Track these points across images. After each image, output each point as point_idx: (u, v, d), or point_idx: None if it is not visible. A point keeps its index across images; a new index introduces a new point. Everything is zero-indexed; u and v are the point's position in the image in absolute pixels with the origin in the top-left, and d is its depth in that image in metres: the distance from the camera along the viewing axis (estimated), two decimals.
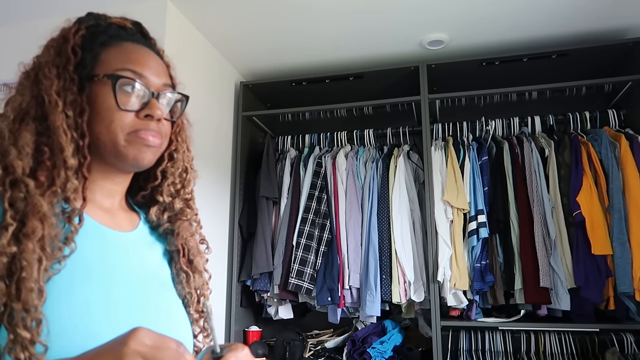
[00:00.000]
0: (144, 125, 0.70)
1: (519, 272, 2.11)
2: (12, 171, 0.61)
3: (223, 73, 2.59)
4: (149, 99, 0.71)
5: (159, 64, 0.76)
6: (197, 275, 0.81)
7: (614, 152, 2.13)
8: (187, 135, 0.84)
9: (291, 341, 2.32)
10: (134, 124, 0.69)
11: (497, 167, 2.29)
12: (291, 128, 2.81)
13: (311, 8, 2.13)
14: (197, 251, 0.83)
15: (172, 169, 0.80)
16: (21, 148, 0.63)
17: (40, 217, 0.60)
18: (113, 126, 0.68)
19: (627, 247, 1.99)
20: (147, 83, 0.72)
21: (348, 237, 2.37)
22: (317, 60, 2.63)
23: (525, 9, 2.15)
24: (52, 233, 0.61)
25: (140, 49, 0.75)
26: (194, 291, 0.80)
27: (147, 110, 0.70)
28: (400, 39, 2.41)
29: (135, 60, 0.72)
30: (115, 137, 0.68)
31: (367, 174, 2.45)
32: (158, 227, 0.82)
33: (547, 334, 2.18)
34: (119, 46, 0.73)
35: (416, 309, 2.32)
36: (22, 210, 0.60)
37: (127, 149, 0.69)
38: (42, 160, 0.64)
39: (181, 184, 0.82)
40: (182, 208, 0.82)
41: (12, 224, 0.58)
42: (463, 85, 2.47)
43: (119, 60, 0.71)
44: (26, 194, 0.61)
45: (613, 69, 2.45)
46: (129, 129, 0.69)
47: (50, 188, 0.63)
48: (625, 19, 2.24)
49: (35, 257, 0.58)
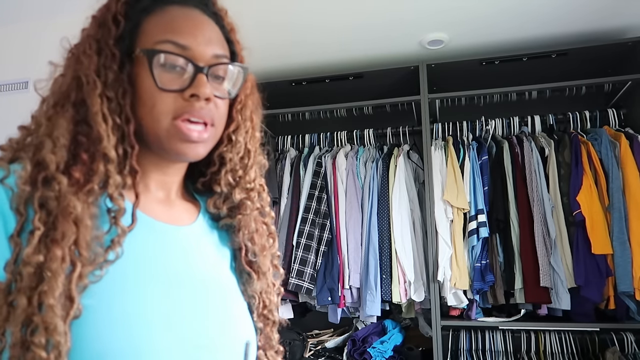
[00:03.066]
0: (189, 107, 0.59)
1: (519, 272, 2.11)
2: (45, 167, 0.53)
3: None
4: (195, 74, 0.60)
5: (213, 30, 0.64)
6: (261, 277, 0.71)
7: (614, 152, 2.13)
8: (252, 113, 0.72)
9: (291, 341, 2.32)
10: (178, 106, 0.59)
11: (497, 166, 2.29)
12: (291, 128, 2.81)
13: (311, 8, 2.13)
14: (260, 249, 0.72)
15: (230, 153, 0.69)
16: (56, 139, 0.54)
17: (74, 219, 0.52)
18: (155, 111, 0.59)
19: (627, 246, 1.99)
20: (193, 56, 0.60)
21: (348, 236, 2.37)
22: (317, 60, 2.62)
23: (525, 8, 2.15)
24: (89, 236, 0.53)
25: (188, 12, 0.63)
26: (257, 295, 0.70)
27: (192, 89, 0.59)
28: (400, 38, 2.41)
29: (178, 28, 0.61)
30: (158, 124, 0.59)
31: (367, 174, 2.45)
32: (218, 219, 0.71)
33: (547, 334, 2.18)
34: (162, 12, 0.62)
35: (416, 308, 2.32)
36: (53, 212, 0.52)
37: (170, 142, 0.60)
38: (78, 153, 0.56)
39: (243, 169, 0.70)
40: (242, 200, 0.70)
41: (39, 228, 0.50)
42: (463, 85, 2.47)
43: (159, 31, 0.60)
44: (58, 193, 0.52)
45: (613, 68, 2.45)
46: (174, 112, 0.59)
47: (86, 185, 0.54)
48: (625, 19, 2.24)
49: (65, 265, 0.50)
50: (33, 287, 0.49)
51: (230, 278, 0.70)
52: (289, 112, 2.68)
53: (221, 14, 0.68)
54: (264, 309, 0.71)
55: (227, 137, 0.68)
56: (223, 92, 0.64)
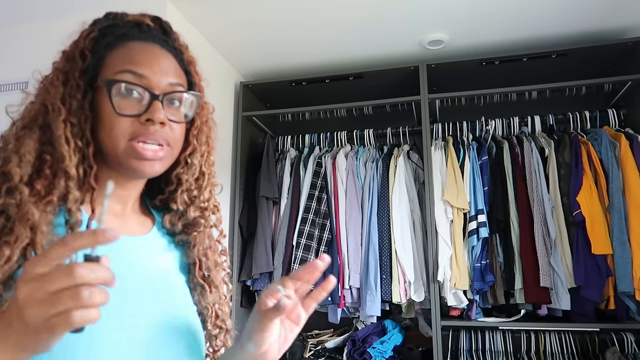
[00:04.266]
0: (144, 130, 0.65)
1: (519, 272, 2.11)
2: (10, 178, 0.59)
3: (223, 73, 2.59)
4: (151, 101, 0.66)
5: (169, 62, 0.70)
6: (213, 290, 0.77)
7: (614, 152, 2.13)
8: (208, 138, 0.79)
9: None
10: (135, 129, 0.65)
11: (497, 166, 2.29)
12: (291, 128, 2.81)
13: (311, 8, 2.13)
14: (214, 264, 0.79)
15: (186, 174, 0.75)
16: (22, 156, 0.61)
17: (30, 225, 0.58)
18: (114, 133, 0.65)
19: (627, 246, 1.99)
20: (149, 85, 0.66)
21: (348, 237, 2.37)
22: (317, 60, 2.63)
23: (525, 8, 2.14)
24: (44, 241, 0.58)
25: (147, 47, 0.69)
26: (210, 306, 0.76)
27: (147, 114, 0.65)
28: (400, 38, 2.41)
29: (136, 60, 0.67)
30: (117, 145, 0.65)
31: (367, 174, 2.45)
32: (173, 234, 0.78)
33: (547, 334, 2.18)
34: (124, 47, 0.68)
35: (416, 308, 2.32)
36: (12, 217, 0.58)
37: (127, 160, 0.66)
38: (42, 169, 0.62)
39: (197, 190, 0.77)
40: (197, 218, 0.77)
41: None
42: (463, 85, 2.47)
43: (120, 63, 0.67)
44: (19, 201, 0.58)
45: (613, 68, 2.45)
46: (130, 134, 0.65)
47: (46, 197, 0.60)
48: (625, 19, 2.24)
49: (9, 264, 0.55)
50: None
51: (182, 285, 0.75)
52: (289, 112, 2.68)
53: (181, 49, 0.75)
54: (216, 318, 0.78)
55: (183, 160, 0.75)
56: (179, 117, 0.70)
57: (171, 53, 0.72)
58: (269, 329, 0.64)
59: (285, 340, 0.68)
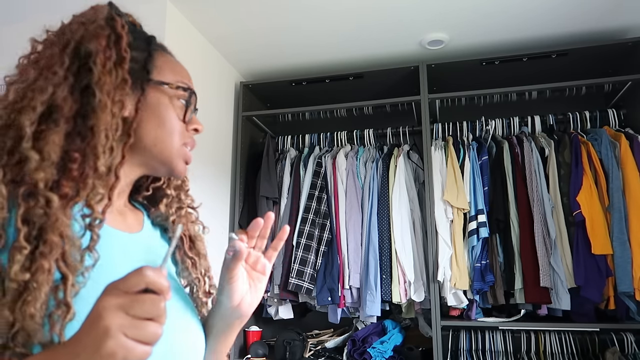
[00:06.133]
0: (190, 137, 0.73)
1: (519, 272, 2.11)
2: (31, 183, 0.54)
3: (223, 73, 2.59)
4: (193, 112, 0.74)
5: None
6: (202, 260, 0.82)
7: (614, 152, 2.13)
8: None
9: (291, 341, 2.32)
10: (184, 135, 0.72)
11: (497, 166, 2.29)
12: (291, 128, 2.82)
13: (311, 8, 2.13)
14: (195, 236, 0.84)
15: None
16: (47, 156, 0.56)
17: (60, 234, 0.54)
18: (174, 136, 0.70)
19: (627, 246, 1.99)
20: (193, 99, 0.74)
21: (348, 237, 2.37)
22: (317, 60, 2.63)
23: (525, 8, 2.15)
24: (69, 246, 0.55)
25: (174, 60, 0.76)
26: (200, 276, 0.81)
27: (194, 124, 0.73)
28: (400, 38, 2.41)
29: (184, 74, 0.74)
30: (172, 146, 0.70)
31: (367, 174, 2.45)
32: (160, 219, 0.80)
33: (547, 334, 2.18)
34: (163, 55, 0.73)
35: (416, 308, 2.32)
36: (39, 226, 0.53)
37: (176, 161, 0.72)
38: (70, 169, 0.58)
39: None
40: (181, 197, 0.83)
41: (25, 248, 0.52)
42: (463, 85, 2.47)
43: (172, 71, 0.72)
44: (47, 209, 0.54)
45: (613, 68, 2.45)
46: (183, 139, 0.72)
47: (73, 199, 0.57)
48: (625, 19, 2.24)
49: (51, 277, 0.52)
50: (15, 300, 0.50)
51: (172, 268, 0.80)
52: (289, 112, 2.68)
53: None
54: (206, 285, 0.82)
55: None
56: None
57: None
58: (236, 278, 0.70)
59: (255, 290, 0.73)
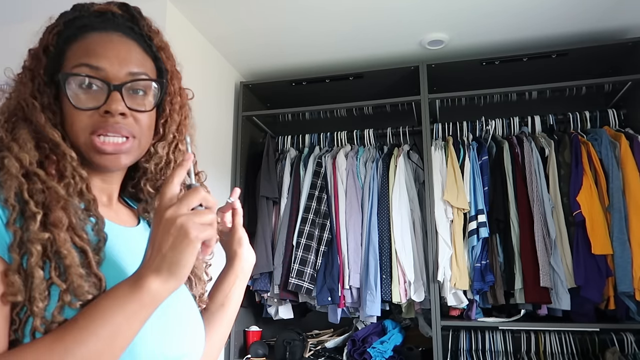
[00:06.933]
0: (104, 122, 0.64)
1: (519, 272, 2.11)
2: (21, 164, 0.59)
3: (223, 73, 2.59)
4: (109, 93, 0.64)
5: (131, 51, 0.68)
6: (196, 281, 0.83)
7: (614, 152, 2.13)
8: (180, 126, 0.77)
9: (291, 341, 2.32)
10: (94, 122, 0.64)
11: (497, 166, 2.29)
12: (291, 128, 2.81)
13: (311, 8, 2.13)
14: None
15: (147, 163, 0.75)
16: (23, 143, 0.61)
17: (62, 206, 0.58)
18: (75, 128, 0.65)
19: (627, 246, 1.99)
20: (106, 76, 0.65)
21: (348, 237, 2.37)
22: (317, 60, 2.63)
23: (525, 8, 2.14)
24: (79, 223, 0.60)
25: (106, 37, 0.67)
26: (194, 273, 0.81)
27: (105, 106, 0.64)
28: (400, 38, 2.41)
29: (94, 52, 0.65)
30: (78, 139, 0.65)
31: (367, 174, 2.45)
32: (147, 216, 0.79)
33: (547, 334, 2.18)
34: (83, 39, 0.67)
35: (416, 308, 2.32)
36: (42, 201, 0.58)
37: (89, 155, 0.66)
38: (47, 155, 0.63)
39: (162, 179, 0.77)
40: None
41: (39, 212, 0.56)
42: (463, 85, 2.47)
43: (77, 55, 0.66)
44: (42, 184, 0.59)
45: (613, 68, 2.45)
46: (91, 128, 0.64)
47: (63, 180, 0.62)
48: (625, 19, 2.24)
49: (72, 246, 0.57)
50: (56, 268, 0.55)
51: None
52: (289, 112, 2.68)
53: (151, 34, 0.72)
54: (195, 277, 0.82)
55: (153, 148, 0.74)
56: (145, 106, 0.69)
57: (136, 40, 0.70)
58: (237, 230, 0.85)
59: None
